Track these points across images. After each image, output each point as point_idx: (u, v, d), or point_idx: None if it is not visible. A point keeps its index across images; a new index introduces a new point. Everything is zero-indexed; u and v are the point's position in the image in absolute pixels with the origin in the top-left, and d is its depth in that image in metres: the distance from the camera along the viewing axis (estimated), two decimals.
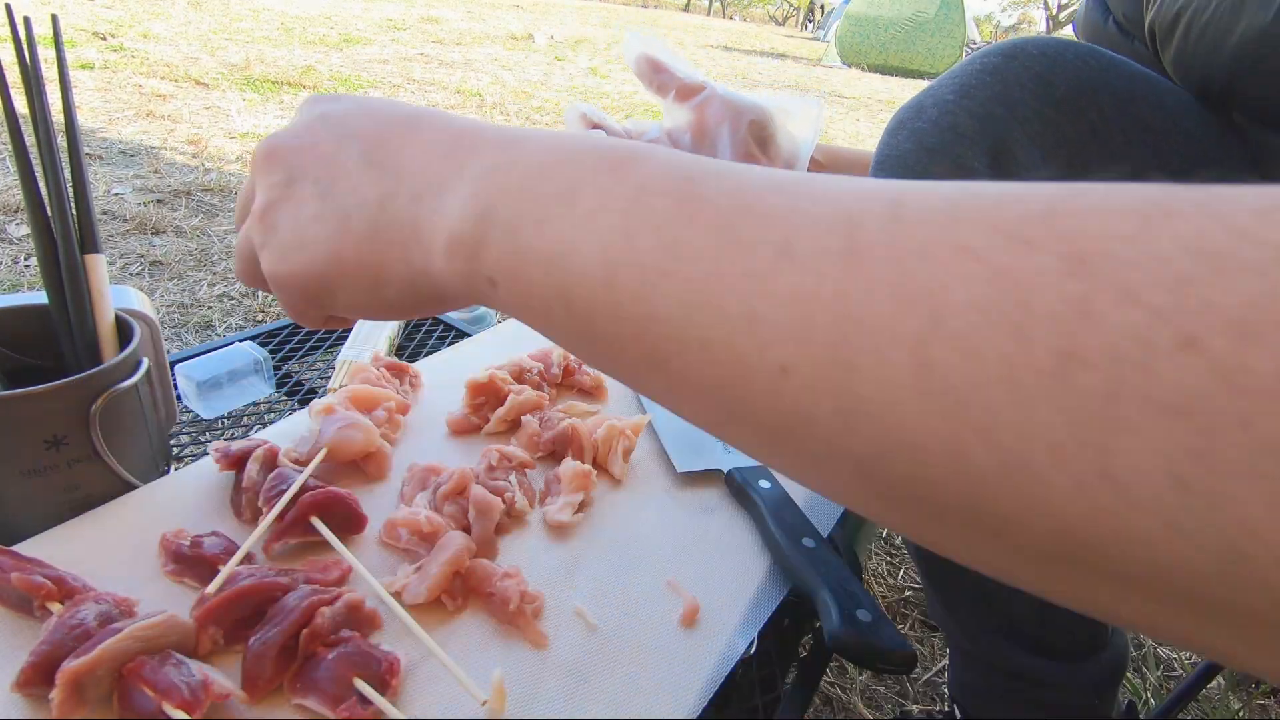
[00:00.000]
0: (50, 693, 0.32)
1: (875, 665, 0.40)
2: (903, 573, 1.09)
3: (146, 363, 0.46)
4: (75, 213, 0.45)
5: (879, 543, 1.15)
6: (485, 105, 3.65)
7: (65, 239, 0.44)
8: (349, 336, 0.72)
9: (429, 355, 0.69)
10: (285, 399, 0.72)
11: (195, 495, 0.47)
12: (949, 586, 0.58)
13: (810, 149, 0.59)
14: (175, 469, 0.50)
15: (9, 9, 0.43)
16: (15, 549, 0.40)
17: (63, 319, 0.46)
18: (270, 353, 0.71)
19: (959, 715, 0.62)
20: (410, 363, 0.64)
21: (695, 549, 0.49)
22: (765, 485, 0.53)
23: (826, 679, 0.89)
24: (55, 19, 0.45)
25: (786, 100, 0.59)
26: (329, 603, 0.38)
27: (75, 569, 0.39)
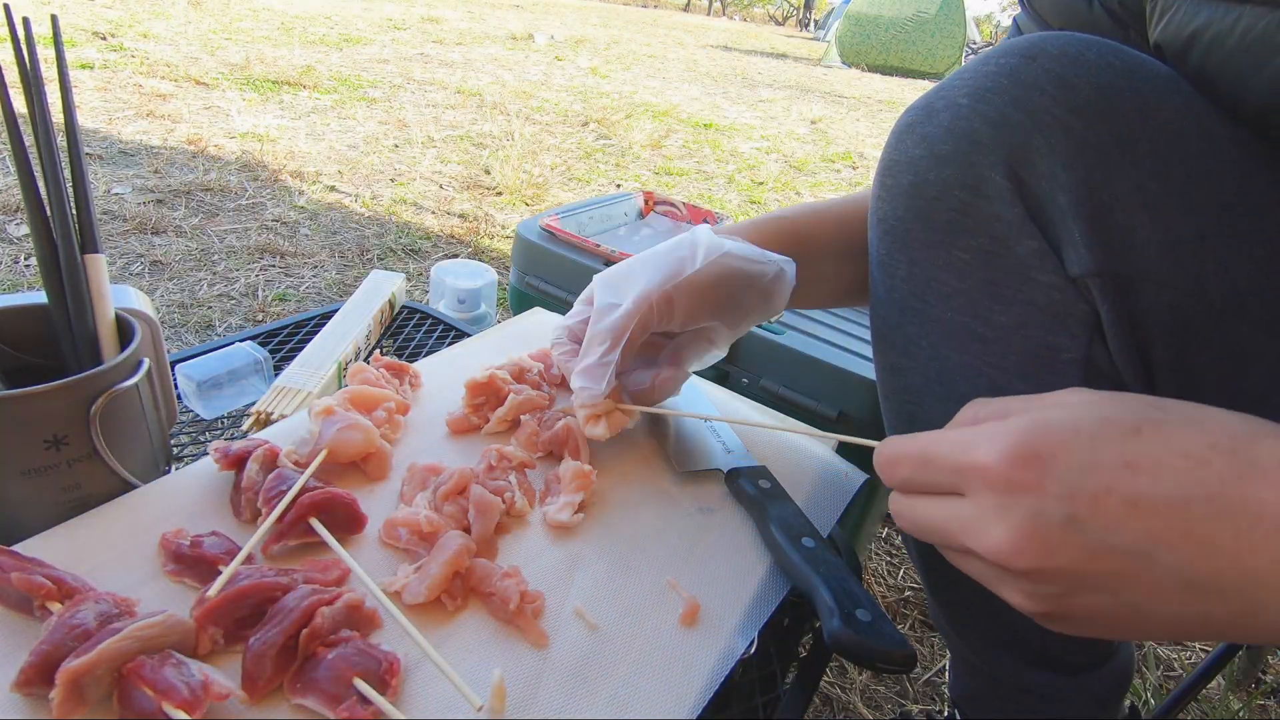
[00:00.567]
0: (50, 693, 0.32)
1: (875, 665, 0.40)
2: (903, 573, 1.09)
3: (147, 362, 0.46)
4: (75, 213, 0.45)
5: (879, 543, 1.15)
6: (485, 105, 3.65)
7: (65, 239, 0.44)
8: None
9: (429, 355, 0.69)
10: None
11: (195, 495, 0.47)
12: (952, 597, 0.57)
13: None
14: (175, 469, 0.50)
15: (8, 9, 0.43)
16: (15, 549, 0.40)
17: (63, 319, 0.46)
18: (270, 353, 0.71)
19: (960, 718, 0.62)
20: (410, 363, 0.64)
21: (695, 549, 0.49)
22: (765, 485, 0.53)
23: (826, 679, 0.89)
24: (55, 19, 0.45)
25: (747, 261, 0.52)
26: (329, 603, 0.38)
27: (75, 569, 0.39)
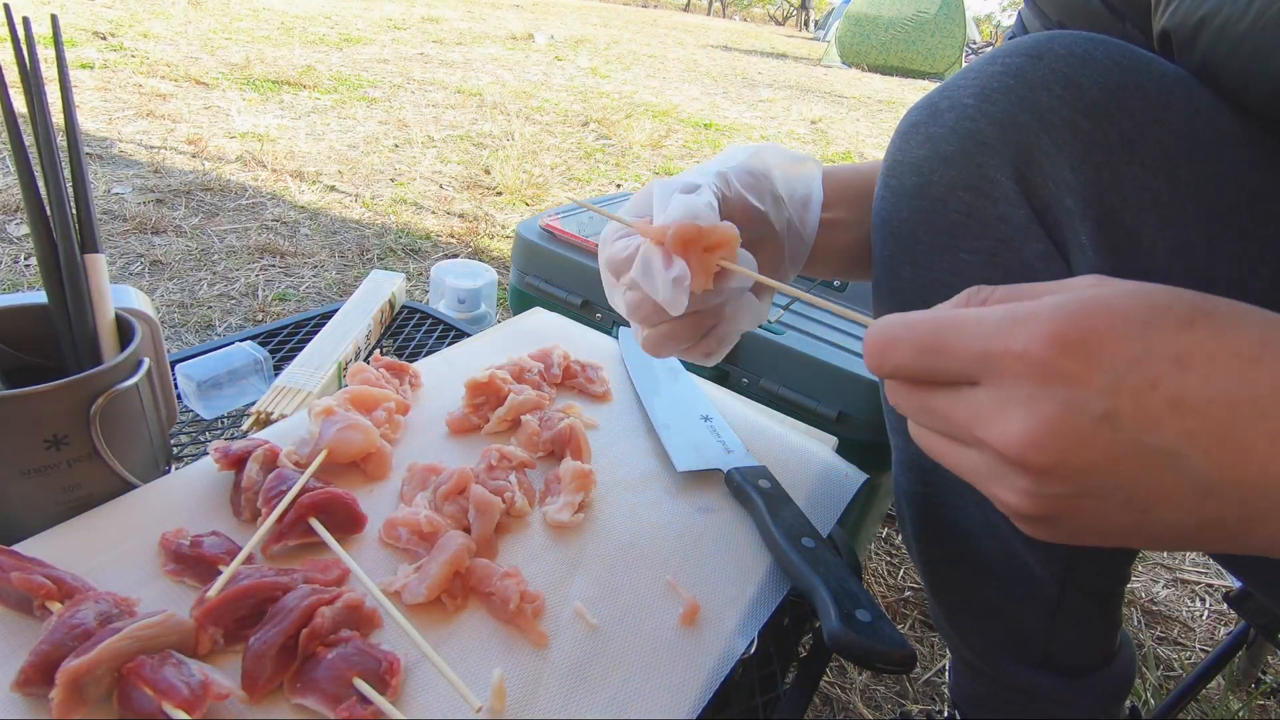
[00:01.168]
0: (50, 692, 0.32)
1: (875, 665, 0.40)
2: (903, 573, 1.09)
3: (147, 362, 0.46)
4: (75, 212, 0.45)
5: (879, 543, 1.15)
6: (485, 105, 3.64)
7: (65, 239, 0.44)
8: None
9: (429, 355, 0.69)
10: None
11: (195, 495, 0.47)
12: (953, 597, 0.57)
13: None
14: (175, 469, 0.50)
15: (8, 9, 0.43)
16: (15, 549, 0.40)
17: (63, 319, 0.45)
18: (270, 353, 0.71)
19: (960, 719, 0.62)
20: (410, 363, 0.64)
21: (695, 549, 0.49)
22: (765, 485, 0.53)
23: (826, 679, 0.89)
24: (55, 19, 0.45)
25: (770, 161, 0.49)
26: (328, 602, 0.38)
27: (75, 569, 0.39)
